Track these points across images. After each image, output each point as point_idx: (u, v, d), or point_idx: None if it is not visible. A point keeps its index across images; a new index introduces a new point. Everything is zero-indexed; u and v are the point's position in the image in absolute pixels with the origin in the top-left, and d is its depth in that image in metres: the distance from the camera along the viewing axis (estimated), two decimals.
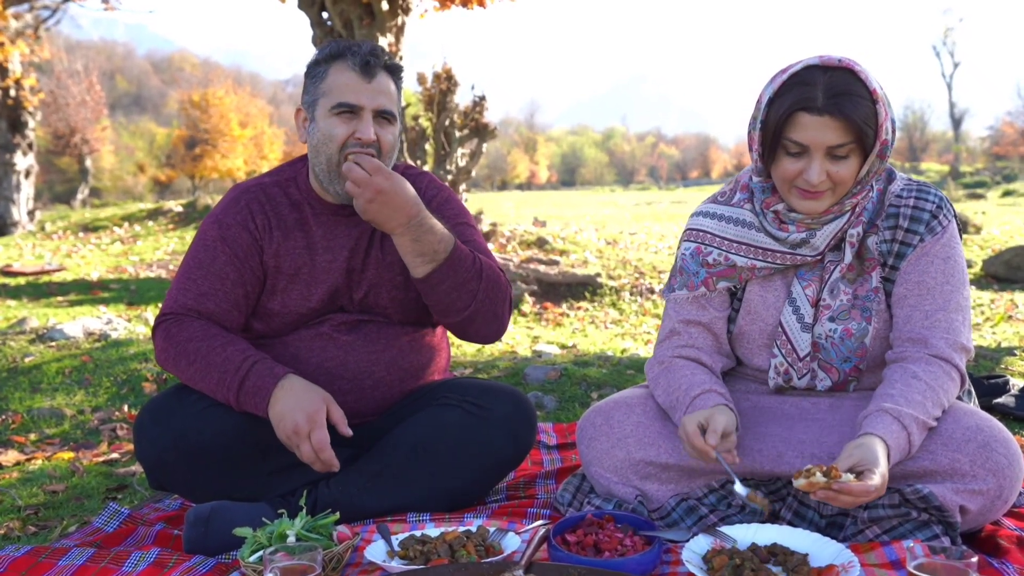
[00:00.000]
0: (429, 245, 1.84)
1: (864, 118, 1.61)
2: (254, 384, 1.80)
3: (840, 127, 1.61)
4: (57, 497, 2.40)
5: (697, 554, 1.54)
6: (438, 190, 2.10)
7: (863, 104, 1.61)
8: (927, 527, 1.61)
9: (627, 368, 3.74)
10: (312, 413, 1.75)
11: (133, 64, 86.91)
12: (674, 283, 1.92)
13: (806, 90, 1.62)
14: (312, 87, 1.95)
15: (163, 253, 10.22)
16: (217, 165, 32.80)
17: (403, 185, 1.83)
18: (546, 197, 33.05)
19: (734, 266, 1.82)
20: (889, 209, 1.77)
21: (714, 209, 1.88)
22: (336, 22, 7.68)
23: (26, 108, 13.61)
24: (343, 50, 1.93)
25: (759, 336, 1.85)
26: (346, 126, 1.90)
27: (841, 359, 1.79)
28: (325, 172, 1.94)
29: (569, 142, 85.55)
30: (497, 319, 1.98)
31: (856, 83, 1.62)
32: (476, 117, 8.62)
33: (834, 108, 1.60)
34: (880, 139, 1.65)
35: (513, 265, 7.23)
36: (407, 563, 1.57)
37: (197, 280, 1.94)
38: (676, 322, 1.89)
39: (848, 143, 1.63)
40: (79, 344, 4.34)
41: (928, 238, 1.74)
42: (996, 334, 5.00)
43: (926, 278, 1.74)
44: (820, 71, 1.63)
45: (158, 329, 1.93)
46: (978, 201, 20.08)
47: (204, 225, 2.02)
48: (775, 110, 1.66)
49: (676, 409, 1.80)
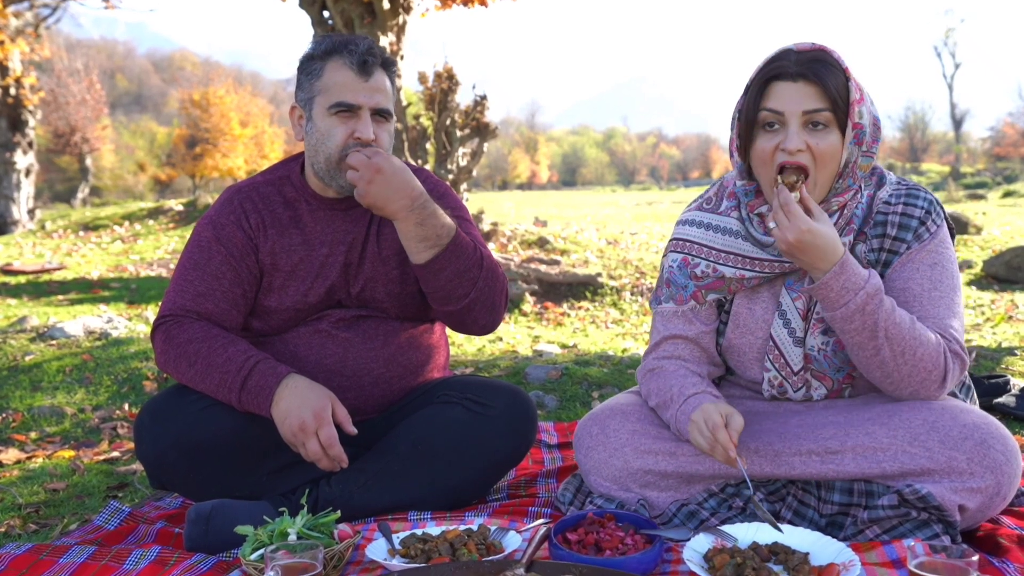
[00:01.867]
0: (432, 229, 1.84)
1: (837, 87, 1.63)
2: (256, 383, 1.80)
3: (814, 92, 1.63)
4: (58, 495, 2.40)
5: (698, 553, 1.54)
6: (435, 185, 2.10)
7: (836, 73, 1.64)
8: (927, 526, 1.61)
9: (628, 367, 3.74)
10: (319, 410, 1.76)
11: (133, 63, 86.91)
12: (660, 295, 1.90)
13: (780, 63, 1.66)
14: (307, 83, 1.94)
15: (163, 252, 10.22)
16: (218, 164, 32.79)
17: (403, 167, 1.84)
18: (547, 197, 33.07)
19: (722, 277, 1.80)
20: (877, 216, 1.75)
21: (700, 217, 1.86)
22: (337, 21, 7.69)
23: (26, 107, 13.62)
24: (339, 46, 1.91)
25: (749, 350, 1.83)
26: (345, 126, 1.90)
27: (834, 369, 1.78)
28: (325, 170, 1.93)
29: (570, 142, 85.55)
30: (495, 308, 1.98)
31: (828, 60, 1.65)
32: (477, 116, 8.62)
33: (808, 72, 1.63)
34: (852, 119, 1.65)
35: (514, 265, 7.23)
36: (408, 561, 1.57)
37: (194, 281, 1.94)
38: (664, 335, 1.88)
39: (824, 108, 1.63)
40: (80, 343, 4.34)
41: (915, 245, 1.72)
42: (996, 334, 5.00)
43: (911, 285, 1.72)
44: (793, 52, 1.68)
45: (157, 331, 1.93)
46: (979, 202, 20.07)
47: (199, 226, 2.02)
48: (749, 91, 1.69)
49: (668, 407, 1.80)
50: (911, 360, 1.65)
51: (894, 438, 1.66)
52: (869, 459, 1.66)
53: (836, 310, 1.64)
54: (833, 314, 1.65)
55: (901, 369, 1.67)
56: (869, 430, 1.68)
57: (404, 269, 2.02)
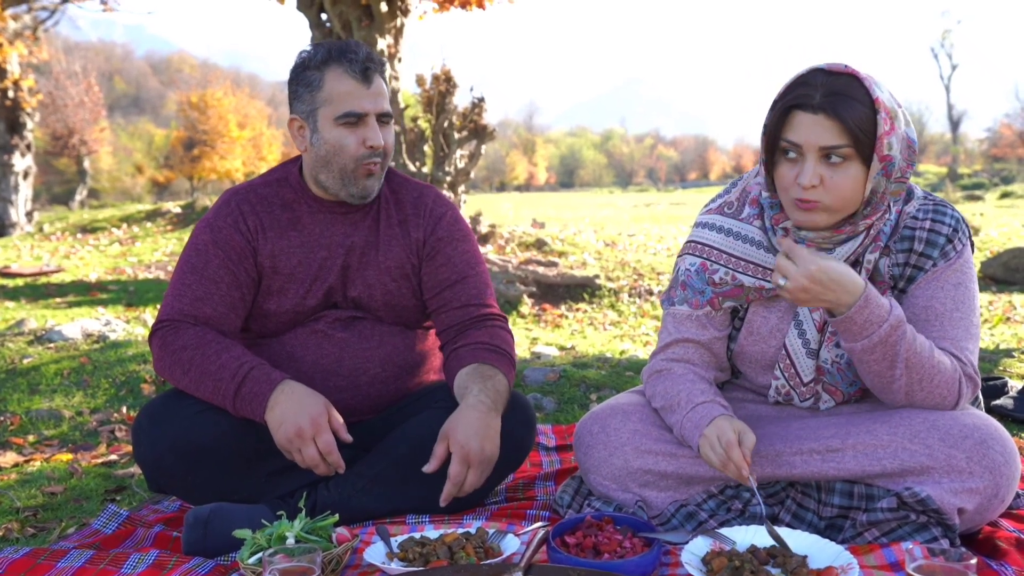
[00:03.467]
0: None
1: (859, 122, 1.55)
2: (250, 390, 1.80)
3: (834, 128, 1.56)
4: (56, 499, 2.39)
5: (696, 556, 1.54)
6: (446, 209, 2.09)
7: (859, 108, 1.56)
8: (926, 529, 1.61)
9: (626, 370, 3.74)
10: (315, 416, 1.75)
11: (131, 65, 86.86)
12: (674, 296, 1.87)
13: (804, 89, 1.58)
14: (307, 95, 1.92)
15: (161, 254, 10.21)
16: (215, 166, 32.80)
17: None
18: (545, 198, 33.07)
19: (741, 286, 1.78)
20: (904, 231, 1.73)
21: (721, 222, 1.81)
22: (335, 23, 7.69)
23: (24, 109, 13.61)
24: (336, 55, 1.90)
25: (761, 358, 1.82)
26: (354, 135, 1.90)
27: (847, 383, 1.78)
28: (339, 179, 1.94)
29: (568, 144, 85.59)
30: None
31: (857, 88, 1.57)
32: (475, 119, 8.62)
33: (828, 107, 1.55)
34: (880, 152, 1.57)
35: (512, 267, 7.24)
36: (406, 565, 1.57)
37: (192, 285, 1.94)
38: (675, 338, 1.86)
39: (842, 146, 1.56)
40: (77, 345, 4.33)
41: (941, 263, 1.71)
42: (994, 336, 5.00)
43: (935, 303, 1.71)
44: (823, 74, 1.59)
45: (154, 337, 1.93)
46: (976, 203, 20.10)
47: (196, 230, 2.01)
48: (774, 111, 1.64)
49: (674, 411, 1.79)
50: (928, 387, 1.66)
51: (894, 435, 1.66)
52: (869, 456, 1.67)
53: (858, 342, 1.63)
54: (853, 345, 1.64)
55: (916, 395, 1.68)
56: (870, 428, 1.69)
57: (402, 282, 2.03)
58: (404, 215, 2.07)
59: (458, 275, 2.04)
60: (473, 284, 2.05)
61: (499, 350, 1.98)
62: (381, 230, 2.03)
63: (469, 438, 1.77)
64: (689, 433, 1.74)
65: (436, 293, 2.04)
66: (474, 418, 1.79)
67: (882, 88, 1.60)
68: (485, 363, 1.94)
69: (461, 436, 1.77)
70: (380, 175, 1.98)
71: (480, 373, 1.91)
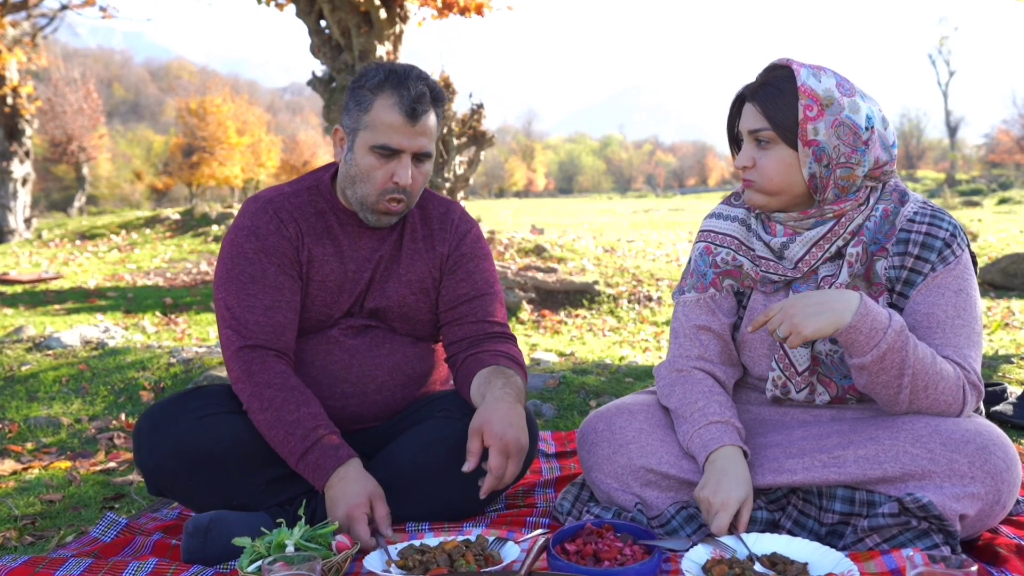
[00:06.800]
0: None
1: (777, 108, 1.71)
2: (316, 459, 1.80)
3: (757, 113, 1.74)
4: (54, 507, 2.39)
5: (696, 564, 1.54)
6: (471, 226, 2.12)
7: (781, 97, 1.71)
8: (927, 536, 1.61)
9: (625, 376, 3.74)
10: (352, 508, 1.74)
11: (130, 72, 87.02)
12: (684, 285, 1.94)
13: (750, 83, 1.79)
14: (356, 112, 1.92)
15: (160, 261, 10.20)
16: (214, 173, 32.84)
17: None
18: (544, 205, 33.11)
19: (740, 267, 1.86)
20: (900, 234, 1.76)
21: (723, 210, 1.94)
22: (334, 30, 7.70)
23: (23, 116, 13.63)
24: (393, 82, 1.88)
25: (760, 345, 1.86)
26: (384, 168, 1.90)
27: (841, 375, 1.79)
28: (359, 204, 1.95)
29: (567, 150, 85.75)
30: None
31: (785, 79, 1.72)
32: (474, 125, 8.63)
33: (754, 95, 1.75)
34: (804, 137, 1.69)
35: (511, 273, 7.24)
36: (406, 573, 1.57)
37: (257, 295, 1.91)
38: (688, 327, 1.90)
39: (762, 129, 1.73)
40: (76, 352, 4.33)
41: (940, 268, 1.72)
42: (993, 342, 5.00)
43: (936, 311, 1.72)
44: (770, 69, 1.77)
45: (238, 356, 1.88)
46: (974, 209, 20.15)
47: (236, 239, 1.95)
48: (732, 104, 1.85)
49: (685, 421, 1.81)
50: (932, 394, 1.67)
51: (896, 439, 1.66)
52: (871, 460, 1.67)
53: (867, 353, 1.63)
54: (863, 359, 1.64)
55: (922, 404, 1.69)
56: (873, 435, 1.70)
57: (421, 296, 2.03)
58: (430, 230, 2.08)
59: (476, 292, 2.06)
60: (490, 302, 2.07)
61: (515, 360, 2.01)
62: (405, 244, 2.04)
63: (505, 429, 1.77)
64: (697, 450, 1.76)
65: (452, 306, 2.06)
66: (504, 409, 1.80)
67: (820, 78, 1.71)
68: (502, 365, 1.96)
69: (497, 428, 1.76)
70: (400, 212, 1.97)
71: (500, 372, 1.93)
